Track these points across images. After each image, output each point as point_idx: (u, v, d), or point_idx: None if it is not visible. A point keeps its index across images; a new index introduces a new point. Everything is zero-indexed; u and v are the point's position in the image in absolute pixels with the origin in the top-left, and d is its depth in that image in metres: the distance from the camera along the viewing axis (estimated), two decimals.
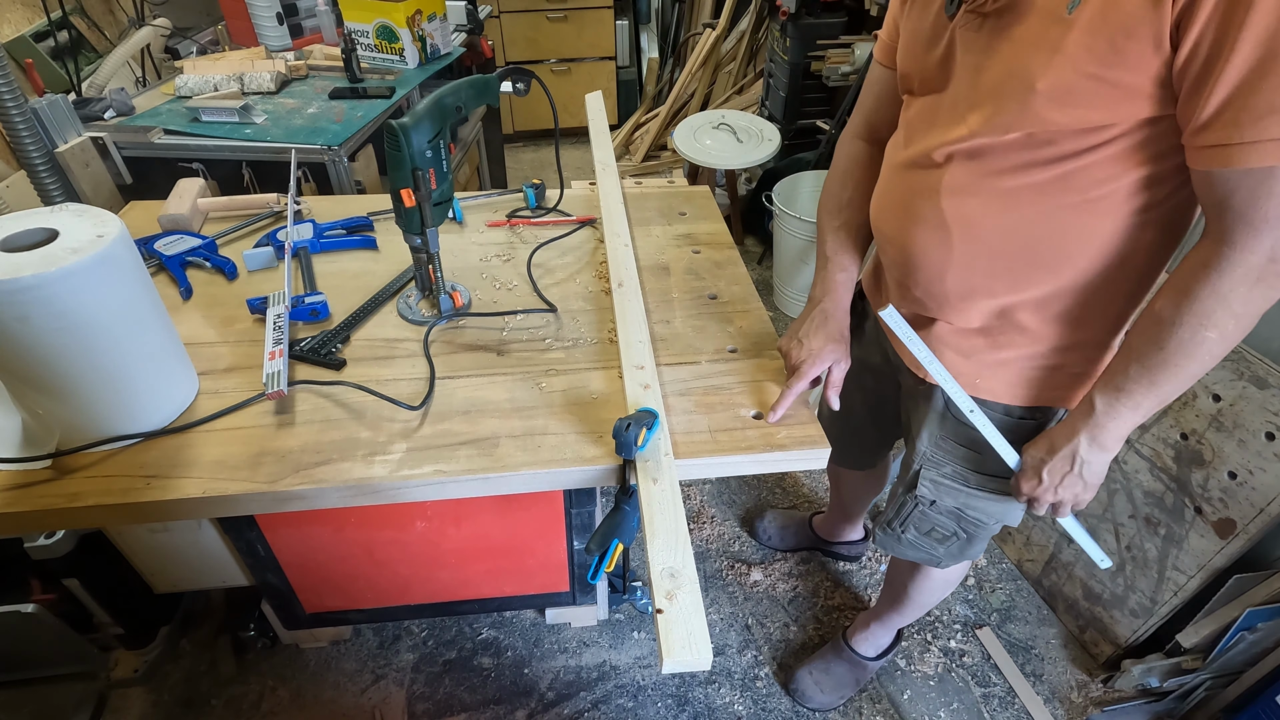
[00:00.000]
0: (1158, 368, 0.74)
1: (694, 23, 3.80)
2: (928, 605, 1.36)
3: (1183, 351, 0.72)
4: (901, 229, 0.91)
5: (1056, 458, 0.85)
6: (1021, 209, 0.78)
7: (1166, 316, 0.72)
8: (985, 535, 1.08)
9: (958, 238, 0.84)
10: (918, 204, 0.87)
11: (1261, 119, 0.59)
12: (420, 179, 0.98)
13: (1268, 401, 1.23)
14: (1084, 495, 0.87)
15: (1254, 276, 0.66)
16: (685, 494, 1.58)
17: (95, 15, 2.33)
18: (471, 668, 1.54)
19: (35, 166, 1.50)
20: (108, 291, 0.82)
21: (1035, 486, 0.88)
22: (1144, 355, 0.74)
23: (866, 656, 1.48)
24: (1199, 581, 1.36)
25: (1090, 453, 0.82)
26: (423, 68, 2.15)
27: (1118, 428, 0.80)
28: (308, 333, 1.10)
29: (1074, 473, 0.84)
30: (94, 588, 1.29)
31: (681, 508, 0.80)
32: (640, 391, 0.96)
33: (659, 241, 1.36)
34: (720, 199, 2.91)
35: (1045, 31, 0.68)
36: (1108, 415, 0.79)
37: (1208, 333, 0.70)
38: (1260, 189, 0.62)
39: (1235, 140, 0.61)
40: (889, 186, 0.94)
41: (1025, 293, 0.84)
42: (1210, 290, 0.68)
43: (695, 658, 0.66)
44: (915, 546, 1.13)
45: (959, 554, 1.12)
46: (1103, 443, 0.81)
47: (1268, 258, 0.65)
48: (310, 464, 0.89)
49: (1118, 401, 0.78)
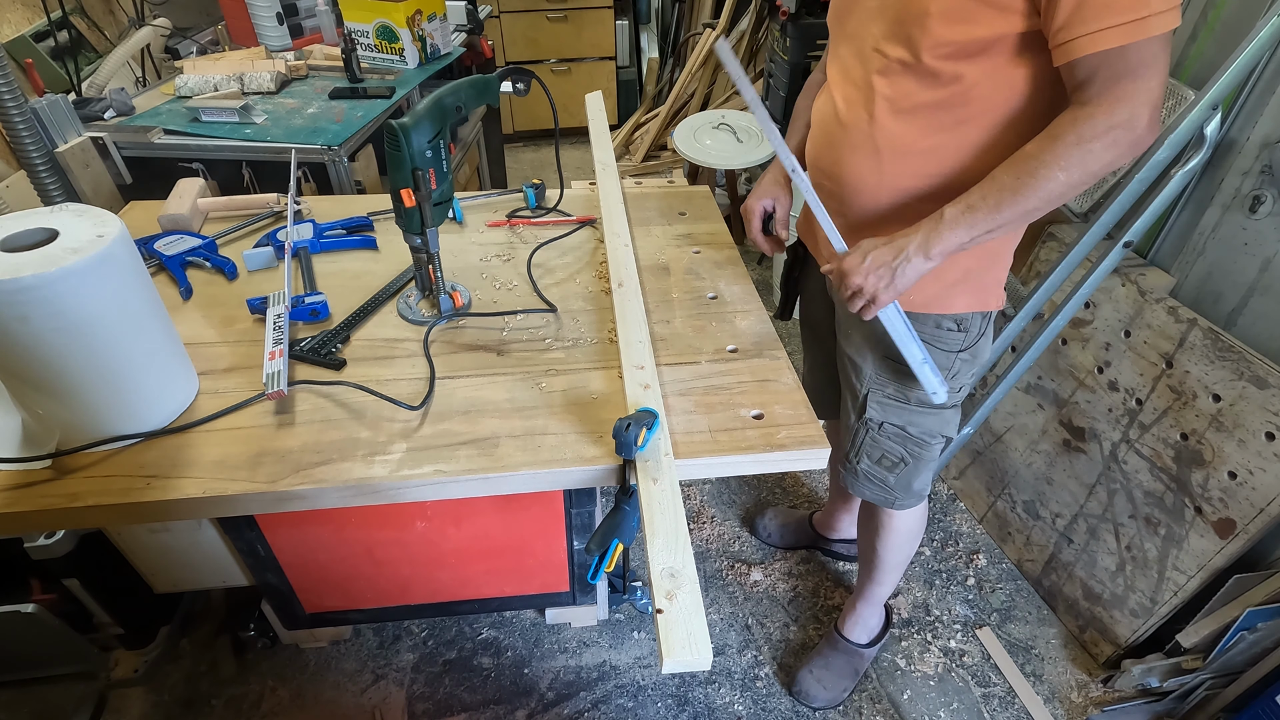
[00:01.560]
0: (1007, 192, 0.84)
1: (694, 23, 3.80)
2: (898, 564, 1.42)
3: (1032, 184, 0.83)
4: (836, 160, 1.01)
5: (887, 247, 0.91)
6: (938, 124, 0.90)
7: (1031, 152, 0.83)
8: (927, 459, 1.18)
9: (887, 159, 0.95)
10: (849, 134, 0.98)
11: (1101, 13, 0.74)
12: (420, 179, 0.98)
13: (1268, 401, 1.23)
14: (884, 293, 0.92)
15: (1111, 137, 0.79)
16: (685, 494, 1.58)
17: (95, 15, 2.33)
18: (471, 668, 1.54)
19: (35, 166, 1.50)
20: (108, 291, 0.82)
21: (855, 263, 0.93)
22: (1000, 182, 0.85)
23: (861, 644, 1.52)
24: (1199, 581, 1.36)
25: (915, 252, 0.89)
26: (423, 68, 2.15)
27: (949, 239, 0.88)
28: (308, 333, 1.10)
29: (891, 264, 0.90)
30: (94, 588, 1.29)
31: (681, 508, 0.80)
32: (640, 391, 0.96)
33: (659, 241, 1.36)
34: (720, 199, 2.91)
35: None
36: (948, 225, 0.88)
37: (1059, 173, 0.81)
38: (1115, 67, 0.77)
39: (1085, 31, 0.76)
40: (822, 124, 1.05)
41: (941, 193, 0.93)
42: (1075, 138, 0.80)
43: (695, 658, 0.66)
44: (870, 479, 1.22)
45: (908, 485, 1.21)
46: (928, 248, 0.89)
47: (1125, 121, 0.78)
48: (310, 464, 0.89)
49: (960, 216, 0.87)
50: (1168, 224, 1.46)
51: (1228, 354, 1.29)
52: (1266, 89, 1.25)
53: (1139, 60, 0.77)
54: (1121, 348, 1.48)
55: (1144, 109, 0.78)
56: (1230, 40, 1.30)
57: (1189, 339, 1.35)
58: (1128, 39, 0.75)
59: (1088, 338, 1.55)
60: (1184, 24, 1.41)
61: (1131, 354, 1.46)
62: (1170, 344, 1.38)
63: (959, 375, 1.10)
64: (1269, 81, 1.24)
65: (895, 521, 1.31)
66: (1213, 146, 1.29)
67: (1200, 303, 1.40)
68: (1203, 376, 1.33)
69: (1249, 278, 1.32)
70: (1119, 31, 0.75)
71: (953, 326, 1.05)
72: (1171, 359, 1.38)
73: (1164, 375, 1.40)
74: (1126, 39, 0.75)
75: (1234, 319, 1.35)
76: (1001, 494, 1.81)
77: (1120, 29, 0.75)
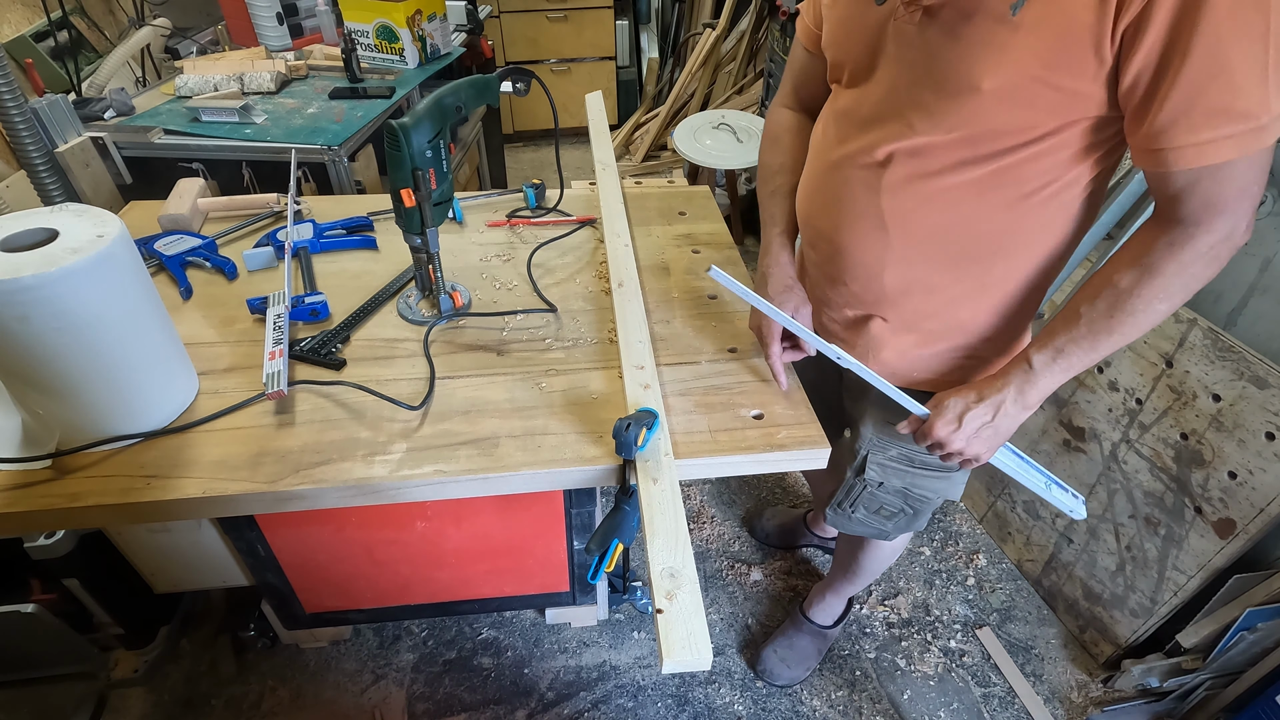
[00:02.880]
0: (1103, 333, 0.77)
1: (694, 23, 3.80)
2: (877, 573, 1.42)
3: (1133, 320, 0.75)
4: (837, 227, 0.91)
5: (981, 406, 0.85)
6: (960, 206, 0.80)
7: (1126, 287, 0.75)
8: (930, 509, 1.14)
9: (896, 235, 0.85)
10: (854, 202, 0.87)
11: (1213, 118, 0.63)
12: (420, 179, 0.98)
13: (1268, 401, 1.23)
14: (987, 452, 0.88)
15: (1213, 254, 0.71)
16: (685, 494, 1.58)
17: (95, 15, 2.33)
18: (471, 668, 1.54)
19: (35, 166, 1.50)
20: (108, 291, 0.82)
21: (952, 432, 0.87)
22: (1094, 321, 0.77)
23: (825, 625, 1.55)
24: (1199, 581, 1.36)
25: (1014, 407, 0.84)
26: (423, 68, 2.15)
27: (1047, 387, 0.82)
28: (308, 333, 1.10)
29: (992, 423, 0.85)
30: (94, 588, 1.29)
31: (681, 508, 0.80)
32: (640, 391, 0.96)
33: (659, 241, 1.36)
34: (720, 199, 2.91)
35: (991, 31, 0.68)
36: (1043, 374, 0.82)
37: (1160, 305, 0.74)
38: (1219, 179, 0.66)
39: (1192, 141, 0.65)
40: (821, 184, 0.93)
41: (961, 286, 0.87)
42: (1176, 266, 0.72)
43: (695, 658, 0.66)
44: (864, 524, 1.18)
45: (906, 527, 1.17)
46: (1027, 400, 0.83)
47: (1224, 237, 0.70)
48: (310, 464, 0.89)
49: (1054, 363, 0.81)
50: None
51: (1228, 354, 1.29)
52: None
53: (1249, 171, 0.66)
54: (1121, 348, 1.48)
55: (1244, 219, 0.69)
56: None
57: (1189, 339, 1.35)
58: (1240, 152, 0.64)
59: None
60: None
61: (1131, 354, 1.46)
62: (1170, 344, 1.38)
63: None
64: None
65: (884, 543, 1.30)
66: None
67: (1200, 303, 1.41)
68: (1203, 376, 1.33)
69: (1249, 278, 1.32)
70: (1232, 144, 0.63)
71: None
72: (1171, 359, 1.38)
73: (1164, 375, 1.40)
74: (1239, 152, 0.64)
75: (1234, 319, 1.35)
76: (1001, 494, 1.81)
77: (1234, 140, 0.63)
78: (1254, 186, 0.67)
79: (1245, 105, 0.62)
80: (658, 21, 4.03)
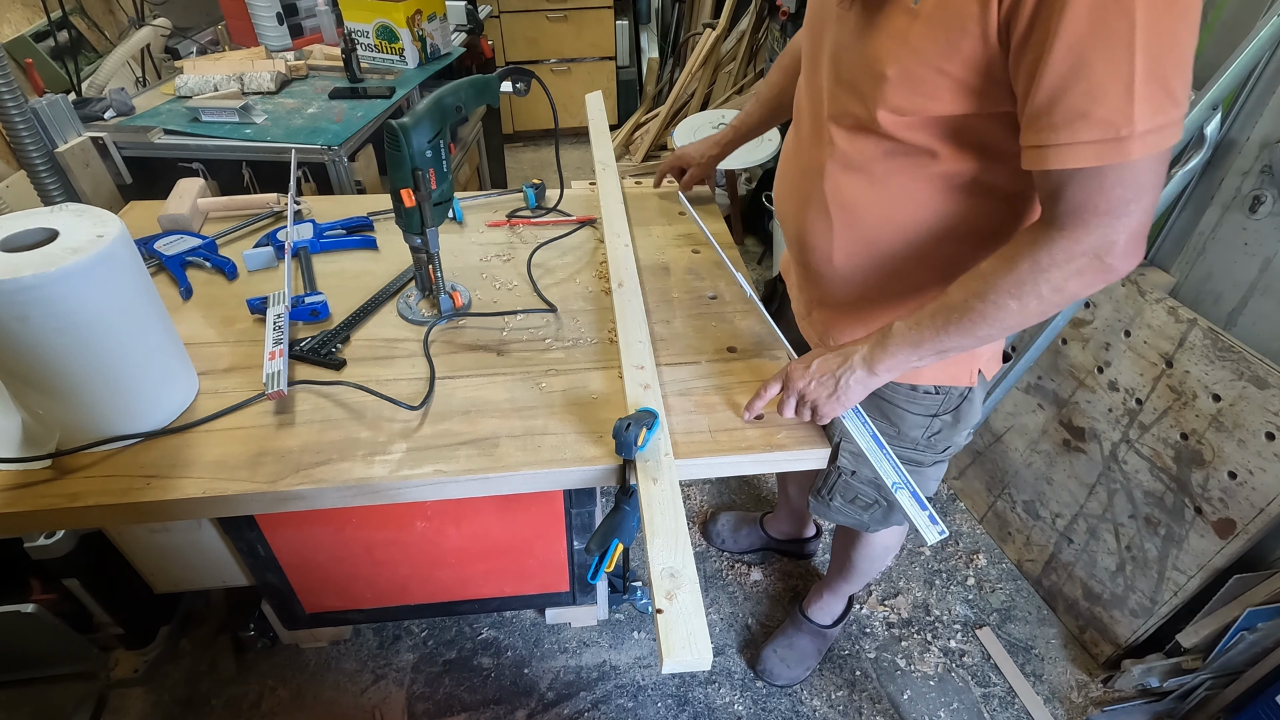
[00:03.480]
0: (955, 314, 0.75)
1: (694, 23, 3.80)
2: (871, 573, 1.42)
3: (980, 311, 0.74)
4: (797, 212, 0.94)
5: (833, 354, 0.86)
6: (893, 195, 0.81)
7: (985, 272, 0.74)
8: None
9: (836, 218, 0.87)
10: (807, 186, 0.90)
11: (1072, 122, 0.61)
12: (420, 179, 0.98)
13: (1268, 401, 1.23)
14: (826, 404, 0.87)
15: (1075, 266, 0.68)
16: (685, 494, 1.58)
17: (95, 15, 2.33)
18: (471, 668, 1.54)
19: (35, 166, 1.50)
20: (108, 291, 0.82)
21: (800, 372, 0.88)
22: (950, 301, 0.76)
23: (825, 625, 1.55)
24: (1199, 581, 1.36)
25: (861, 362, 0.83)
26: (423, 68, 2.15)
27: (892, 357, 0.81)
28: (308, 333, 1.10)
29: (835, 373, 0.85)
30: (94, 588, 1.29)
31: (681, 508, 0.80)
32: (640, 391, 0.96)
33: (659, 241, 1.36)
34: (720, 199, 2.91)
35: (897, 21, 0.70)
36: (895, 339, 0.80)
37: (1011, 301, 0.71)
38: (1086, 188, 0.64)
39: (1052, 142, 0.63)
40: (786, 170, 0.97)
41: (899, 271, 0.87)
42: (1031, 264, 0.70)
43: (695, 658, 0.66)
44: (843, 513, 1.17)
45: (883, 520, 1.16)
46: (872, 363, 0.83)
47: (1092, 251, 0.67)
48: (310, 464, 0.89)
49: (907, 332, 0.79)
50: (1168, 224, 1.46)
51: (1228, 354, 1.29)
52: (1266, 89, 1.25)
53: (1118, 185, 0.63)
54: (1121, 348, 1.48)
55: (1118, 237, 0.65)
56: (1230, 40, 1.29)
57: (1189, 339, 1.35)
58: (1099, 161, 0.62)
59: (1088, 338, 1.55)
60: None
61: (1131, 354, 1.46)
62: (1170, 344, 1.38)
63: (941, 435, 1.01)
64: (1269, 81, 1.24)
65: (873, 539, 1.30)
66: (1213, 146, 1.29)
67: (1200, 303, 1.41)
68: (1203, 376, 1.33)
69: (1249, 278, 1.32)
70: (1091, 151, 0.62)
71: (930, 390, 0.96)
72: (1171, 359, 1.38)
73: (1164, 375, 1.40)
74: (1098, 160, 0.62)
75: (1234, 319, 1.35)
76: (1001, 494, 1.81)
77: (1093, 148, 0.61)
78: (1132, 205, 0.64)
79: (1105, 113, 0.60)
80: (658, 21, 4.03)
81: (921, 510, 0.88)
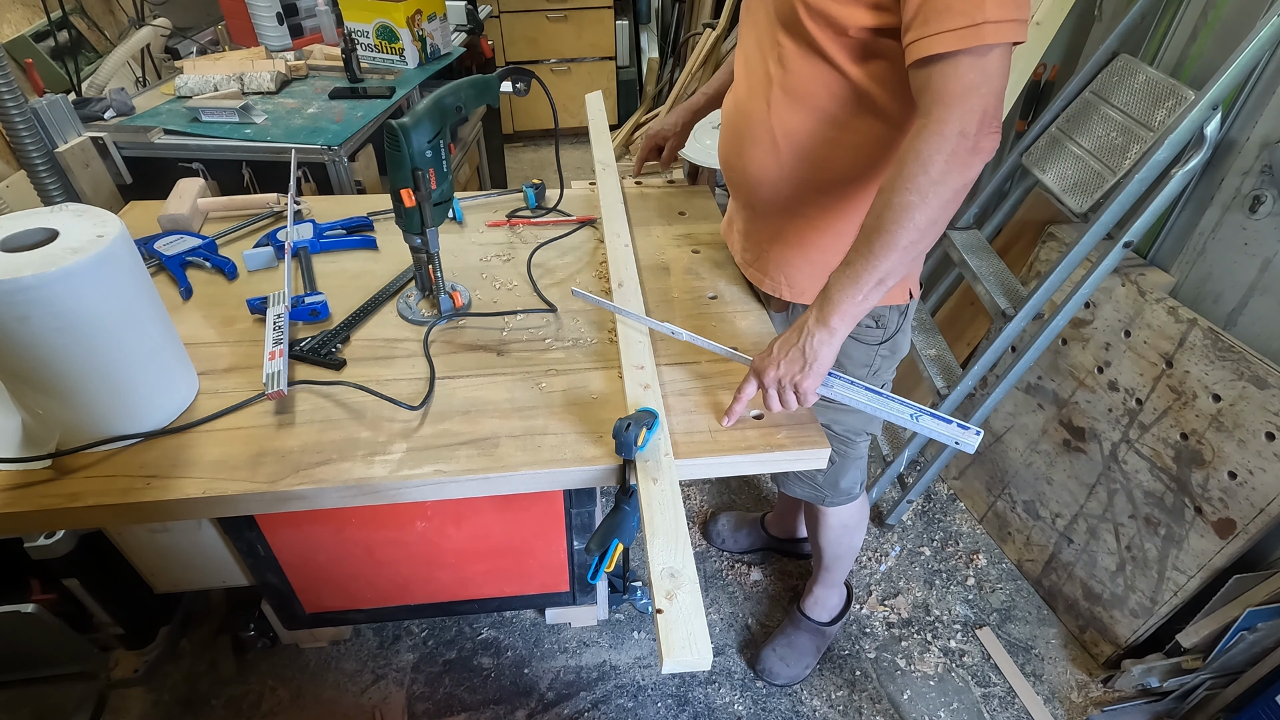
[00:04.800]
0: (873, 237, 0.80)
1: (694, 23, 3.80)
2: (842, 554, 1.46)
3: (890, 215, 0.79)
4: (740, 153, 1.01)
5: (789, 331, 0.89)
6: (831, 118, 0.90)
7: (884, 185, 0.80)
8: (853, 458, 1.23)
9: (785, 150, 0.95)
10: (750, 125, 0.98)
11: (940, 15, 0.73)
12: (420, 179, 0.98)
13: (1268, 401, 1.23)
14: (804, 380, 0.87)
15: (948, 148, 0.75)
16: (685, 494, 1.58)
17: (95, 15, 2.33)
18: (471, 668, 1.54)
19: (35, 166, 1.50)
20: (108, 291, 0.82)
21: (765, 360, 0.89)
22: (866, 226, 0.82)
23: (823, 622, 1.56)
24: (1199, 581, 1.36)
25: (815, 326, 0.86)
26: (423, 68, 2.15)
27: (840, 305, 0.84)
28: (308, 333, 1.10)
29: (798, 345, 0.87)
30: (94, 588, 1.29)
31: (681, 508, 0.80)
32: (640, 391, 0.96)
33: (659, 241, 1.36)
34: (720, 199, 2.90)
35: None
36: (834, 288, 0.84)
37: (910, 196, 0.77)
38: (945, 75, 0.75)
39: (923, 34, 0.74)
40: (727, 115, 1.06)
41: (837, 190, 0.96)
42: (914, 155, 0.77)
43: (695, 658, 0.66)
44: (800, 478, 1.26)
45: (835, 483, 1.26)
46: (825, 319, 0.85)
47: (957, 132, 0.75)
48: (310, 464, 0.89)
49: (842, 276, 0.84)
50: (1168, 224, 1.46)
51: (1228, 354, 1.29)
52: (1266, 89, 1.25)
53: (971, 70, 0.74)
54: (1121, 348, 1.48)
55: (973, 118, 0.74)
56: (1230, 40, 1.30)
57: (1189, 339, 1.35)
58: (961, 45, 0.72)
59: (1088, 338, 1.55)
60: (1184, 24, 1.41)
61: (1131, 354, 1.46)
62: (1170, 344, 1.38)
63: (880, 371, 1.11)
64: (1269, 81, 1.24)
65: (829, 518, 1.36)
66: (1213, 146, 1.29)
67: (1200, 303, 1.41)
68: (1203, 376, 1.33)
69: (1249, 278, 1.32)
70: (953, 36, 0.72)
71: (870, 323, 1.06)
72: (1171, 359, 1.38)
73: (1164, 375, 1.40)
74: (959, 45, 0.72)
75: (1234, 319, 1.36)
76: (1001, 494, 1.81)
77: (954, 34, 0.72)
78: (983, 88, 0.74)
79: (964, 6, 0.72)
80: (658, 21, 4.03)
81: (948, 424, 0.89)
